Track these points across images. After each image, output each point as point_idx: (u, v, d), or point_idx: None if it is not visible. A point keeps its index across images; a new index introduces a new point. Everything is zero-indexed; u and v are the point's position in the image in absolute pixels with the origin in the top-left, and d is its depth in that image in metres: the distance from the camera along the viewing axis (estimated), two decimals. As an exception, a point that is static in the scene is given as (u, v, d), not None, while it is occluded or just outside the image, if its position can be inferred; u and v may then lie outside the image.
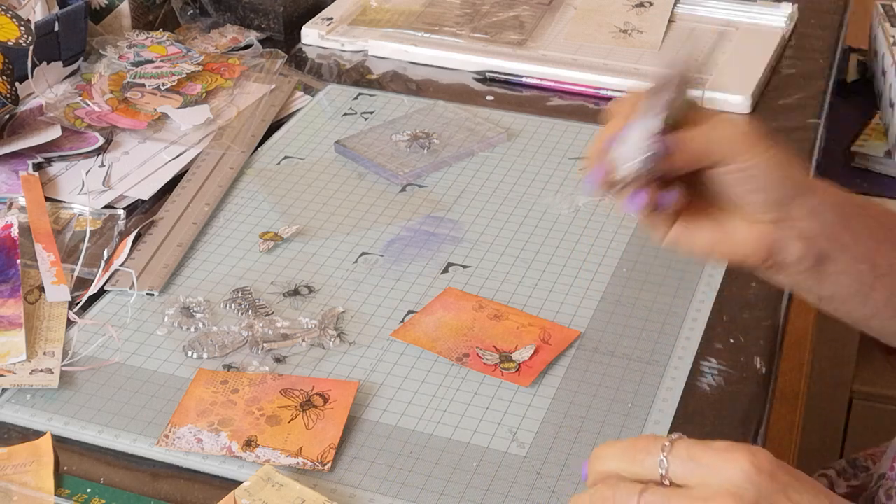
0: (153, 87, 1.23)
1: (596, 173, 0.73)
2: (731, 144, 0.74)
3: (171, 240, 1.03)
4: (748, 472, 0.61)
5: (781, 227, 0.76)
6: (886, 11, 1.56)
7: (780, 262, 0.77)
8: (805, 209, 0.76)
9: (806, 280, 0.79)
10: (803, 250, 0.76)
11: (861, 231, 0.78)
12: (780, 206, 0.75)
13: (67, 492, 0.78)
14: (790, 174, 0.75)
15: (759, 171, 0.74)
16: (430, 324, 0.93)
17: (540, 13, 1.42)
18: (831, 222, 0.76)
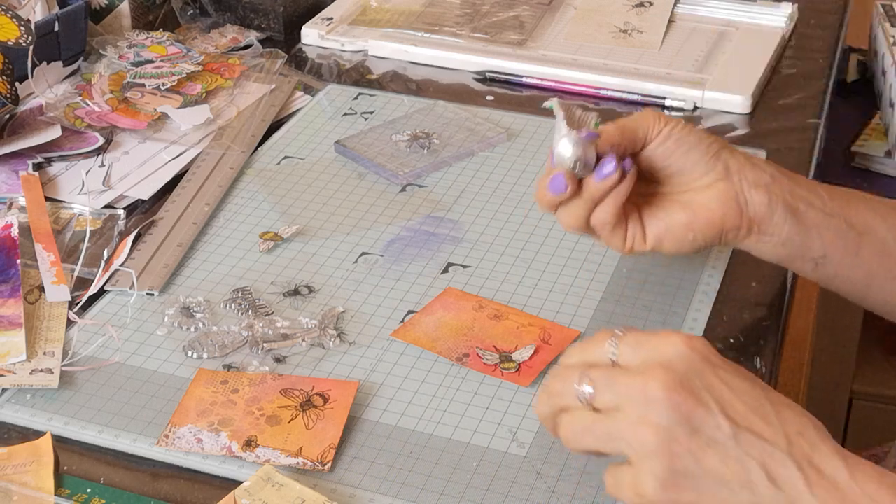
0: (153, 87, 1.23)
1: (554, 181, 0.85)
2: (645, 120, 0.86)
3: (171, 240, 1.03)
4: (682, 350, 0.68)
5: (731, 177, 0.85)
6: (886, 11, 1.56)
7: (756, 217, 0.85)
8: (740, 160, 0.86)
9: (794, 238, 0.85)
10: (766, 197, 0.85)
11: (814, 188, 0.87)
12: (717, 156, 0.86)
13: (67, 492, 0.78)
14: (707, 133, 0.87)
15: (681, 131, 0.86)
16: (429, 324, 0.93)
17: (540, 13, 1.42)
18: (775, 174, 0.86)
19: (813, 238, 0.86)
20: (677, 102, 1.25)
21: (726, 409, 0.67)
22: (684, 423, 0.66)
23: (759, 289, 0.99)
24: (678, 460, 0.66)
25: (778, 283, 1.00)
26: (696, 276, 0.99)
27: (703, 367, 0.68)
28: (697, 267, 1.00)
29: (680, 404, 0.66)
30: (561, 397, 0.71)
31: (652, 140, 0.86)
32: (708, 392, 0.67)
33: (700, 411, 0.66)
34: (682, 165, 0.86)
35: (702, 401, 0.66)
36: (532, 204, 1.08)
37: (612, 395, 0.68)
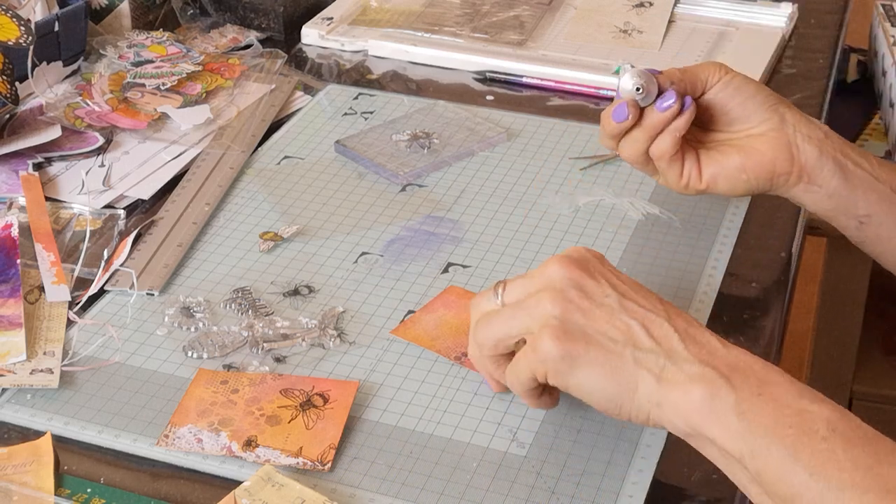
0: (153, 87, 1.23)
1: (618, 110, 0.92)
2: (706, 68, 0.93)
3: (171, 240, 1.03)
4: (557, 270, 0.77)
5: (786, 128, 0.91)
6: (886, 11, 1.56)
7: (806, 166, 0.91)
8: (796, 115, 0.92)
9: (840, 192, 0.90)
10: (818, 151, 0.90)
11: (867, 155, 0.92)
12: (774, 108, 0.92)
13: (67, 492, 0.78)
14: (766, 88, 0.94)
15: (741, 81, 0.93)
16: (430, 322, 0.93)
17: (540, 13, 1.42)
18: (829, 132, 0.91)
19: (859, 196, 0.90)
20: (677, 102, 1.25)
21: (615, 284, 0.77)
22: (577, 288, 0.76)
23: (759, 289, 0.99)
24: (570, 315, 0.75)
25: (778, 283, 1.00)
26: (697, 276, 0.99)
27: (596, 260, 0.79)
28: (698, 267, 1.00)
29: (574, 275, 0.77)
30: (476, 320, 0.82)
31: (712, 86, 0.92)
32: (599, 274, 0.77)
33: (591, 282, 0.76)
34: (739, 113, 0.92)
35: (593, 275, 0.77)
36: (532, 204, 1.09)
37: (518, 291, 0.79)
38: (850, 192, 0.91)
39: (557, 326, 0.75)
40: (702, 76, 0.93)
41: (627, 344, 0.74)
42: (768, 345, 0.94)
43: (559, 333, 0.75)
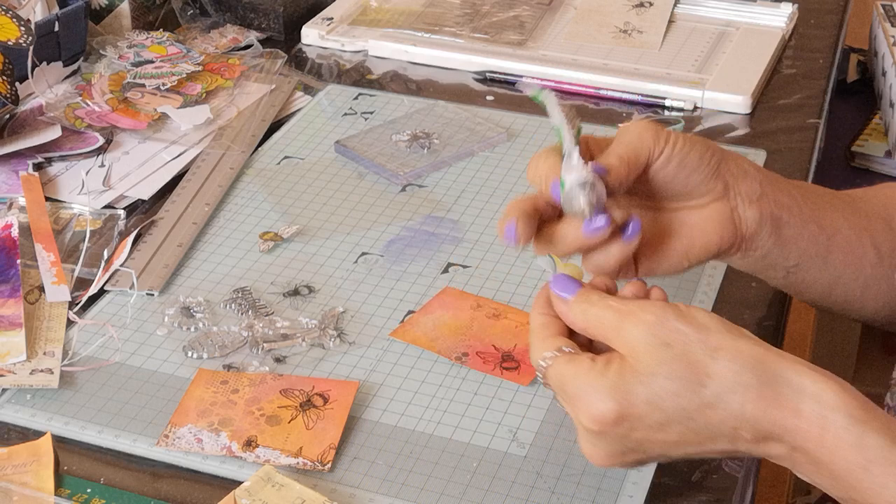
0: (153, 87, 1.23)
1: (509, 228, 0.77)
2: (644, 143, 0.78)
3: (171, 240, 1.03)
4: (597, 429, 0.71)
5: (729, 196, 0.80)
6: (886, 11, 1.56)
7: (748, 234, 0.82)
8: (733, 171, 0.81)
9: (773, 251, 0.83)
10: (758, 213, 0.81)
11: (792, 192, 0.84)
12: (716, 175, 0.80)
13: (67, 492, 0.78)
14: (706, 144, 0.80)
15: (683, 152, 0.79)
16: (428, 323, 0.93)
17: (540, 13, 1.42)
18: (763, 181, 0.82)
19: (790, 248, 0.84)
20: (677, 102, 1.25)
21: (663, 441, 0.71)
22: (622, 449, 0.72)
23: (759, 289, 0.99)
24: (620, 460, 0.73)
25: (778, 283, 0.99)
26: (697, 276, 0.99)
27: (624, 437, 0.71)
28: (698, 268, 1.00)
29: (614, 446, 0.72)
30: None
31: (652, 163, 0.78)
32: (632, 451, 0.73)
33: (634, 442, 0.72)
34: (681, 190, 0.80)
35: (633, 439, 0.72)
36: (532, 204, 1.08)
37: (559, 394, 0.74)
38: (783, 247, 0.83)
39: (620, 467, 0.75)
40: (642, 157, 0.77)
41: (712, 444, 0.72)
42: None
43: (613, 462, 0.74)
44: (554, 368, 0.72)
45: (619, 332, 0.71)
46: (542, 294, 0.76)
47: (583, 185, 0.74)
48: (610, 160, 0.76)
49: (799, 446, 0.68)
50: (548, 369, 0.73)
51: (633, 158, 0.77)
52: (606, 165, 0.75)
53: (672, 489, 0.79)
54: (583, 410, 0.70)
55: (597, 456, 0.73)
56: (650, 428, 0.70)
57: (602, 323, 0.72)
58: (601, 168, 0.75)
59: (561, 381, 0.72)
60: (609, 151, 0.77)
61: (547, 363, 0.73)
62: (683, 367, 0.69)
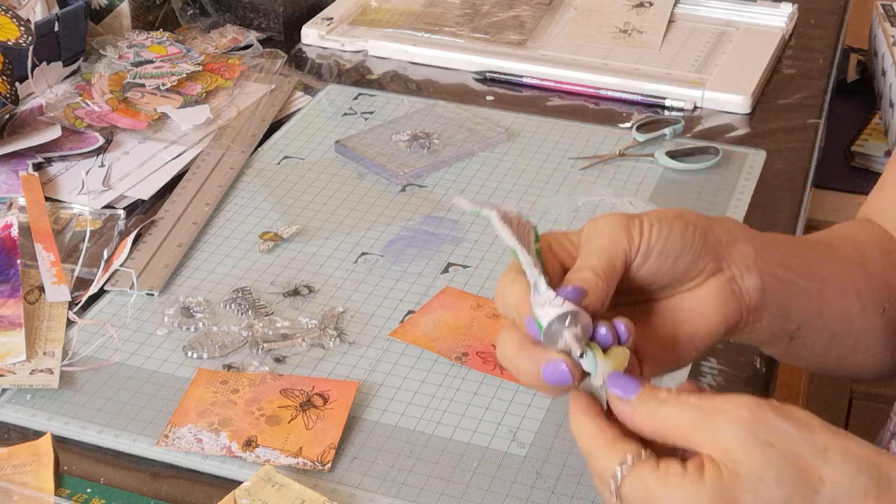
0: (153, 87, 1.23)
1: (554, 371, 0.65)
2: (617, 246, 0.68)
3: (171, 240, 1.03)
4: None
5: (724, 270, 0.71)
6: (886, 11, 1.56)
7: (752, 304, 0.72)
8: (721, 239, 0.72)
9: (778, 316, 0.75)
10: (758, 279, 0.72)
11: (778, 245, 0.76)
12: (705, 252, 0.71)
13: (67, 492, 0.78)
14: (685, 221, 0.71)
15: (662, 241, 0.69)
16: (428, 323, 0.93)
17: (540, 13, 1.42)
18: (752, 241, 0.73)
19: (792, 310, 0.75)
20: (677, 102, 1.25)
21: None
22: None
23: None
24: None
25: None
26: (696, 276, 0.99)
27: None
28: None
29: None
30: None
31: (631, 262, 0.69)
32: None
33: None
34: (671, 278, 0.70)
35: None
36: (532, 204, 1.08)
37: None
38: (786, 310, 0.75)
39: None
40: (618, 265, 0.68)
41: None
42: (768, 345, 0.93)
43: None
44: (634, 479, 0.61)
45: (709, 433, 0.60)
46: (582, 395, 0.65)
47: (562, 320, 0.63)
48: (584, 275, 0.66)
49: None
50: (624, 480, 0.61)
51: (609, 268, 0.67)
52: (581, 284, 0.65)
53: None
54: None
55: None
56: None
57: (682, 423, 0.61)
58: (578, 291, 0.65)
59: (647, 493, 0.60)
60: (580, 265, 0.67)
61: (623, 472, 0.61)
62: (792, 470, 0.59)
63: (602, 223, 0.69)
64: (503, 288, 0.67)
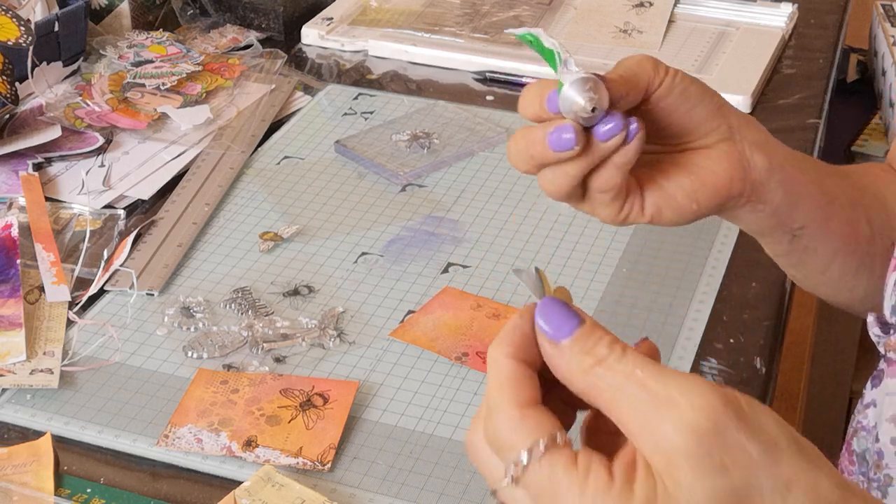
0: (153, 87, 1.23)
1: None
2: (643, 69, 0.72)
3: (171, 240, 1.03)
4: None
5: (735, 139, 0.74)
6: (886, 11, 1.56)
7: (758, 180, 0.74)
8: (738, 116, 0.75)
9: (782, 206, 0.77)
10: (766, 160, 0.74)
11: (796, 156, 0.78)
12: (720, 114, 0.74)
13: (67, 492, 0.78)
14: (704, 84, 0.74)
15: (685, 83, 0.72)
16: (428, 323, 0.93)
17: (540, 13, 1.42)
18: (766, 131, 0.76)
19: (797, 206, 0.76)
20: (677, 102, 1.24)
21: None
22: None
23: (759, 289, 0.99)
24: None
25: (778, 283, 0.99)
26: (697, 276, 0.99)
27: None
28: (697, 267, 1.00)
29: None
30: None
31: (651, 93, 0.71)
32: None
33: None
34: (685, 124, 0.73)
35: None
36: (532, 204, 1.08)
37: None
38: (792, 204, 0.76)
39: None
40: (641, 81, 0.71)
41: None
42: (768, 345, 0.94)
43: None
44: (543, 469, 0.49)
45: (652, 432, 0.48)
46: (518, 325, 0.53)
47: (583, 81, 0.67)
48: (608, 76, 0.70)
49: None
50: (529, 468, 0.49)
51: (631, 79, 0.70)
52: (605, 79, 0.69)
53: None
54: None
55: None
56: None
57: (621, 402, 0.50)
58: (595, 77, 0.68)
59: (554, 492, 0.49)
60: (606, 74, 0.71)
61: (529, 458, 0.49)
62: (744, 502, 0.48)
63: (631, 56, 0.73)
64: (529, 88, 0.70)
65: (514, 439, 0.50)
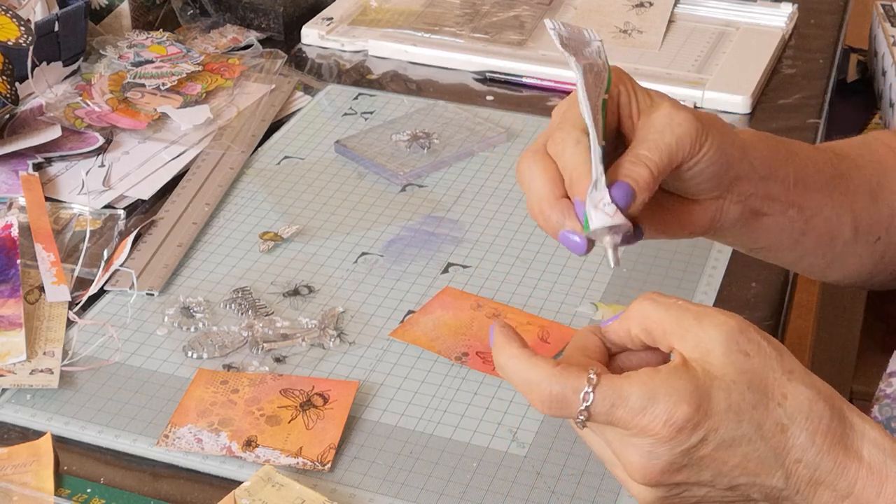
0: (153, 87, 1.23)
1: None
2: (687, 145, 0.72)
3: (171, 240, 1.03)
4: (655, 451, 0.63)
5: (724, 197, 0.77)
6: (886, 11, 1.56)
7: (723, 225, 0.78)
8: (742, 176, 0.76)
9: (741, 236, 0.81)
10: (739, 210, 0.78)
11: (788, 173, 0.80)
12: (728, 188, 0.76)
13: (67, 492, 0.78)
14: (728, 157, 0.75)
15: (716, 155, 0.74)
16: (428, 323, 0.93)
17: (540, 13, 1.42)
18: (763, 175, 0.78)
19: (760, 235, 0.80)
20: (677, 102, 1.24)
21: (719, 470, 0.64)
22: (674, 488, 0.65)
23: (759, 289, 0.99)
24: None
25: (778, 283, 1.00)
26: (697, 276, 0.99)
27: (692, 448, 0.63)
28: (697, 267, 1.00)
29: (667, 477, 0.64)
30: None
31: (685, 163, 0.73)
32: (686, 468, 0.64)
33: (690, 476, 0.65)
34: (698, 187, 0.76)
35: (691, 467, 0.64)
36: (532, 204, 1.08)
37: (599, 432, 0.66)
38: (752, 234, 0.80)
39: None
40: (673, 164, 0.72)
41: (748, 502, 0.66)
42: (768, 345, 0.93)
43: (662, 479, 0.64)
44: (604, 388, 0.63)
45: (693, 333, 0.64)
46: (508, 327, 0.67)
47: (612, 233, 0.69)
48: (640, 173, 0.70)
49: (854, 494, 0.63)
50: (597, 390, 0.63)
51: (665, 169, 0.71)
52: (633, 186, 0.69)
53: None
54: (657, 415, 0.62)
55: (651, 469, 0.63)
56: (719, 444, 0.63)
57: (666, 320, 0.65)
58: (628, 195, 0.69)
59: (618, 395, 0.63)
60: (641, 156, 0.71)
61: (591, 385, 0.63)
62: (761, 380, 0.63)
63: (678, 121, 0.72)
64: (563, 136, 0.71)
65: (570, 384, 0.63)
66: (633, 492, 0.66)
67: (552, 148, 0.72)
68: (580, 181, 0.69)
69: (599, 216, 0.68)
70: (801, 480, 0.64)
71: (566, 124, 0.72)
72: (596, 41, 0.73)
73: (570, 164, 0.70)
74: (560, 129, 0.72)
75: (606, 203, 0.68)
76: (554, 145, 0.72)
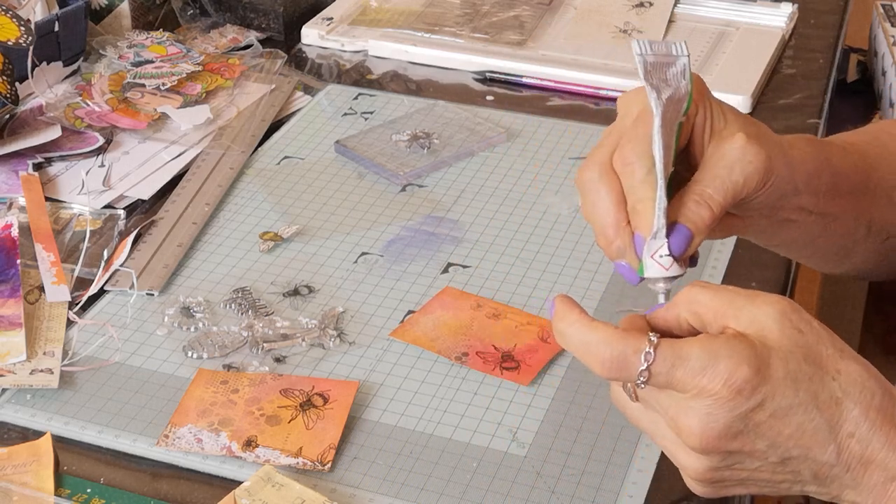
0: (153, 87, 1.23)
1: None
2: (755, 182, 0.72)
3: (171, 240, 1.03)
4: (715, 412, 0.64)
5: (767, 215, 0.78)
6: (886, 11, 1.55)
7: (741, 231, 0.79)
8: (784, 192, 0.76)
9: (759, 236, 0.81)
10: (768, 222, 0.78)
11: (820, 186, 0.79)
12: (773, 211, 0.77)
13: (67, 492, 0.78)
14: (785, 191, 0.75)
15: (766, 195, 0.74)
16: (428, 323, 0.93)
17: (540, 13, 1.42)
18: (798, 192, 0.77)
19: (778, 237, 0.82)
20: (677, 102, 1.25)
21: (773, 441, 0.65)
22: (726, 464, 0.66)
23: (759, 289, 0.98)
24: (718, 481, 0.67)
25: (778, 283, 1.00)
26: (697, 276, 0.99)
27: (750, 413, 0.64)
28: (698, 266, 1.00)
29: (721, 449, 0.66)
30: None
31: (748, 195, 0.73)
32: (743, 435, 0.65)
33: (743, 447, 0.66)
34: (741, 209, 0.76)
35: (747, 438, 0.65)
36: (532, 204, 1.08)
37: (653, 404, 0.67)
38: (771, 236, 0.82)
39: (703, 482, 0.68)
40: (737, 199, 0.73)
41: (795, 483, 0.67)
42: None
43: (706, 486, 0.68)
44: (664, 350, 0.64)
45: (747, 311, 0.65)
46: (567, 298, 0.69)
47: (667, 281, 0.71)
48: (701, 215, 0.71)
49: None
50: (658, 350, 0.64)
51: (727, 206, 0.72)
52: (692, 228, 0.70)
53: (672, 489, 0.79)
54: (717, 375, 0.63)
55: (708, 432, 0.64)
56: (775, 411, 0.64)
57: (717, 301, 0.66)
58: (686, 239, 0.70)
59: (680, 354, 0.64)
60: (706, 194, 0.71)
61: (654, 340, 0.64)
62: (816, 354, 0.65)
63: (749, 158, 0.72)
64: (633, 159, 0.70)
65: (630, 344, 0.65)
66: (685, 462, 0.67)
67: (619, 165, 0.72)
68: (643, 216, 0.70)
69: (655, 267, 0.70)
70: (852, 456, 0.65)
71: (638, 141, 0.71)
72: (683, 57, 0.71)
73: (636, 195, 0.71)
74: (631, 146, 0.71)
75: (664, 255, 0.70)
76: (623, 164, 0.71)
